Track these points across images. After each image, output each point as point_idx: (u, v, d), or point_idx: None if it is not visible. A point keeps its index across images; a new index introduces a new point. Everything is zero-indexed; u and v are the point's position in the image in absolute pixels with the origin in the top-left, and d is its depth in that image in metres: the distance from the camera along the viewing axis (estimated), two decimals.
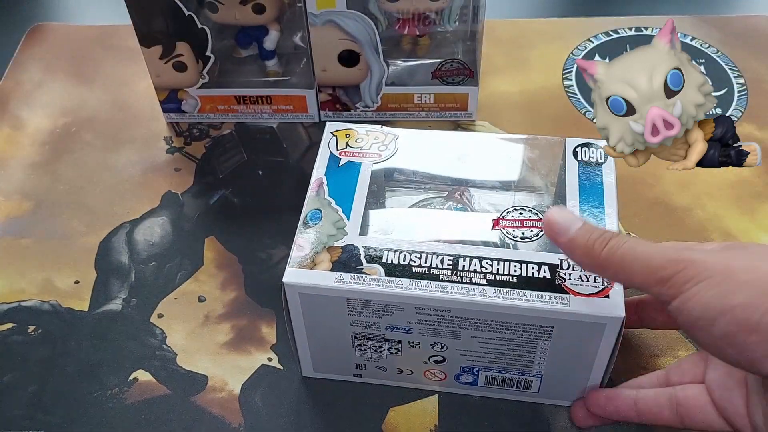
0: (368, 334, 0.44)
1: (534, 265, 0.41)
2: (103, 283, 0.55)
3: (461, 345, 0.43)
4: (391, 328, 0.43)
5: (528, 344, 0.42)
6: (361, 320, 0.43)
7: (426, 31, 0.62)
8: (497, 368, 0.45)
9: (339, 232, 0.43)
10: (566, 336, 0.41)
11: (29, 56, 0.72)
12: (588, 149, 0.47)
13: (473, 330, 0.42)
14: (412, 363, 0.46)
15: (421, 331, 0.43)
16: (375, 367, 0.47)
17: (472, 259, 0.41)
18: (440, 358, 0.45)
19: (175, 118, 0.66)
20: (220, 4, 0.60)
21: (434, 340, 0.43)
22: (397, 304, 0.41)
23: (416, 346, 0.44)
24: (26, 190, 0.61)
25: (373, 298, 0.41)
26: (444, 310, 0.41)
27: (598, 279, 0.40)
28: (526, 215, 0.44)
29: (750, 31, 0.73)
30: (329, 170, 0.47)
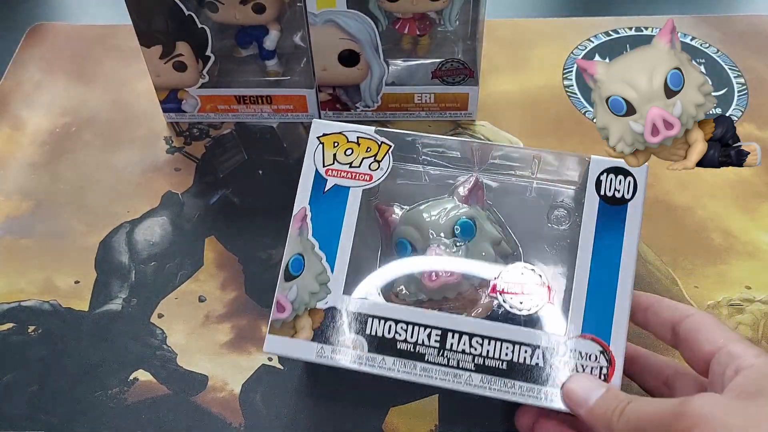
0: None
1: (527, 348, 0.38)
2: (103, 282, 0.55)
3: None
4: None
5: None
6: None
7: (426, 30, 0.62)
8: None
9: (322, 289, 0.41)
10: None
11: (29, 56, 0.72)
12: (615, 178, 0.41)
13: None
14: None
15: None
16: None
17: (461, 336, 0.39)
18: None
19: (175, 117, 0.66)
20: (220, 4, 0.60)
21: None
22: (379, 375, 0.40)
23: None
24: (26, 190, 0.61)
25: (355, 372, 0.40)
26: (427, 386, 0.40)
27: (594, 371, 0.38)
28: (527, 276, 0.40)
29: (750, 31, 0.73)
30: (313, 198, 0.43)
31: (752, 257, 0.55)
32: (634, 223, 0.40)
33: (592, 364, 0.37)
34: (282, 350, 0.40)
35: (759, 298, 0.52)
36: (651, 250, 0.55)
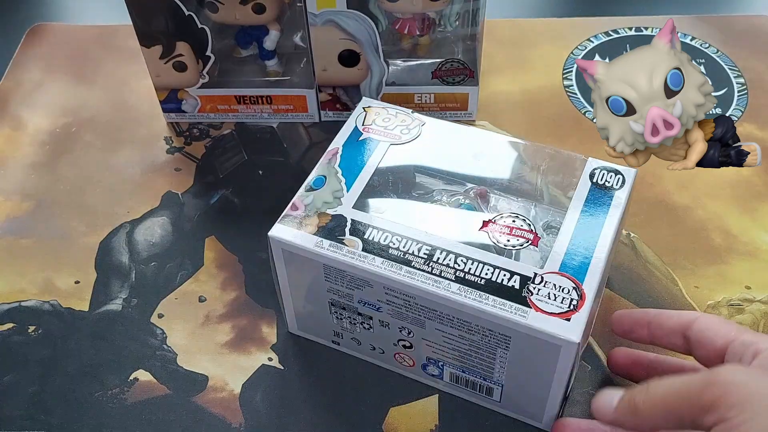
0: (343, 304, 0.45)
1: (506, 272, 0.41)
2: (103, 283, 0.55)
3: (426, 335, 0.44)
4: (363, 302, 0.44)
5: (488, 349, 0.42)
6: (337, 288, 0.44)
7: (426, 30, 0.62)
8: (461, 367, 0.45)
9: (335, 201, 0.45)
10: (523, 349, 0.41)
11: (29, 56, 0.72)
12: (607, 173, 0.45)
13: (437, 322, 0.43)
14: (383, 343, 0.47)
15: (389, 312, 0.44)
16: (351, 339, 0.48)
17: (448, 254, 0.42)
18: (408, 343, 0.46)
19: (175, 118, 0.66)
20: (220, 4, 0.60)
21: (402, 324, 0.44)
22: (367, 279, 0.42)
23: (386, 326, 0.45)
24: (26, 190, 0.61)
25: (347, 269, 0.42)
26: (410, 296, 0.42)
27: (565, 300, 0.40)
28: (518, 223, 0.44)
29: (750, 31, 0.73)
30: (348, 143, 0.48)
31: (752, 257, 0.55)
32: (618, 205, 0.44)
33: (563, 294, 0.40)
34: (285, 236, 0.43)
35: (759, 298, 0.52)
36: (651, 250, 0.55)
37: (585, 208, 0.44)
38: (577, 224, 0.43)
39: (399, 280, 0.41)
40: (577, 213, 0.44)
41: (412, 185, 0.48)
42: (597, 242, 0.42)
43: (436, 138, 0.49)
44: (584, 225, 0.43)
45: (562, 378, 0.41)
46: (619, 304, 0.52)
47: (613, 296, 0.53)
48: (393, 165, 0.48)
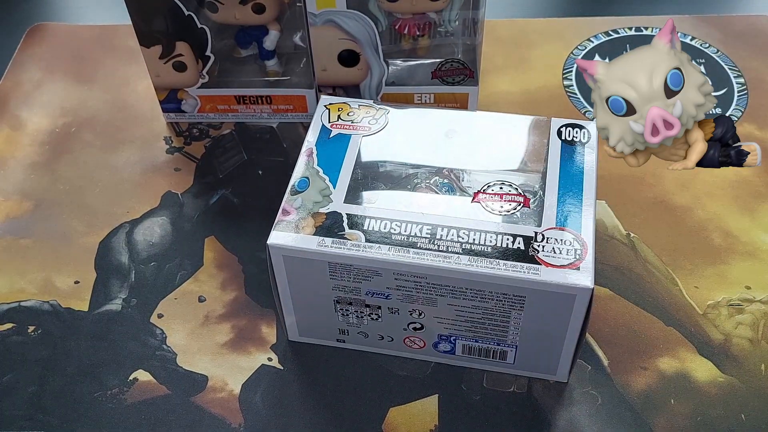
0: (350, 299, 0.46)
1: (509, 236, 0.42)
2: (103, 283, 0.55)
3: (438, 312, 0.45)
4: (371, 293, 0.45)
5: (502, 313, 0.44)
6: (343, 285, 0.45)
7: (426, 31, 0.62)
8: (473, 337, 0.46)
9: (324, 200, 0.45)
10: (538, 306, 0.42)
11: (29, 56, 0.72)
12: (573, 129, 0.48)
13: (449, 297, 0.43)
14: (392, 330, 0.47)
15: (399, 297, 0.44)
16: (357, 333, 0.48)
17: (449, 230, 0.43)
18: (418, 325, 0.46)
19: (174, 118, 0.66)
20: (219, 4, 0.60)
21: (412, 307, 0.45)
22: (376, 269, 0.43)
23: (395, 312, 0.46)
24: (26, 190, 0.61)
25: (354, 262, 0.43)
26: (421, 277, 0.42)
27: (569, 252, 0.41)
28: (506, 189, 0.45)
29: (750, 31, 0.73)
30: (320, 141, 0.48)
31: (752, 257, 0.55)
32: (591, 156, 0.46)
33: (567, 247, 0.42)
34: (285, 242, 0.43)
35: (759, 298, 0.52)
36: (651, 250, 0.55)
37: (562, 164, 0.46)
38: (560, 180, 0.45)
39: (408, 263, 0.42)
40: (556, 170, 0.46)
41: (394, 173, 0.48)
42: (582, 192, 0.44)
43: (404, 123, 0.50)
44: (566, 180, 0.45)
45: (576, 327, 0.43)
46: (618, 304, 0.52)
47: (613, 296, 0.53)
48: (370, 156, 0.48)
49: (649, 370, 0.49)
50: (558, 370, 0.47)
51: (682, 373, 0.49)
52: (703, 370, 0.49)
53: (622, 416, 0.47)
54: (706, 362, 0.50)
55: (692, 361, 0.50)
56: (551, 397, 0.48)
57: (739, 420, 0.47)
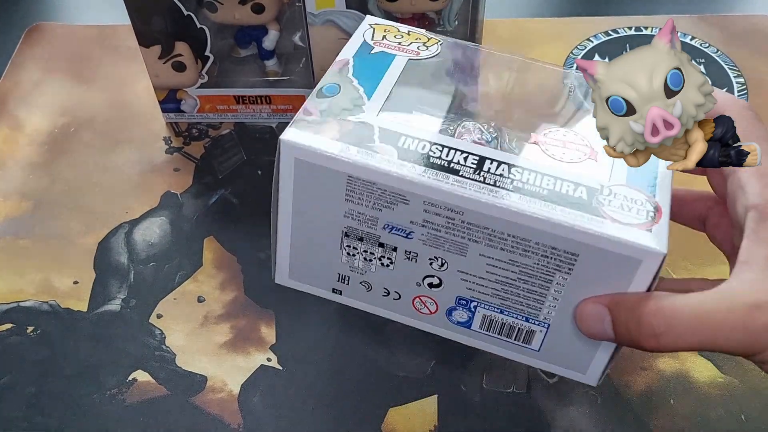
0: (362, 233, 0.38)
1: (570, 183, 0.35)
2: (101, 283, 0.55)
3: (465, 265, 0.37)
4: (390, 227, 0.37)
5: (543, 275, 0.36)
6: (358, 211, 0.37)
7: None
8: (499, 306, 0.39)
9: (355, 108, 0.38)
10: (590, 270, 0.35)
11: (28, 56, 0.72)
12: None
13: (484, 245, 0.36)
14: (403, 283, 0.40)
15: (422, 238, 0.37)
16: (360, 283, 0.41)
17: (500, 164, 0.35)
18: (437, 280, 0.39)
19: (174, 118, 0.66)
20: (219, 4, 0.59)
21: (435, 253, 0.37)
22: (404, 193, 0.35)
23: (413, 258, 0.38)
24: (25, 191, 0.61)
25: (379, 179, 0.35)
26: (456, 212, 0.35)
27: (640, 212, 0.35)
28: (570, 137, 0.38)
29: (750, 30, 0.73)
30: (358, 54, 0.41)
31: None
32: None
33: (637, 206, 0.35)
34: (302, 140, 0.36)
35: None
36: None
37: None
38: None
39: (446, 190, 0.34)
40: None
41: (440, 104, 0.40)
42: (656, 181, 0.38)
43: (457, 57, 0.43)
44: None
45: None
46: None
47: None
48: (415, 80, 0.41)
49: (649, 370, 0.49)
50: (590, 368, 0.39)
51: (682, 374, 0.49)
52: (702, 370, 0.49)
53: (622, 416, 0.47)
54: (706, 362, 0.49)
55: (692, 361, 0.50)
56: (551, 397, 0.48)
57: (739, 420, 0.47)
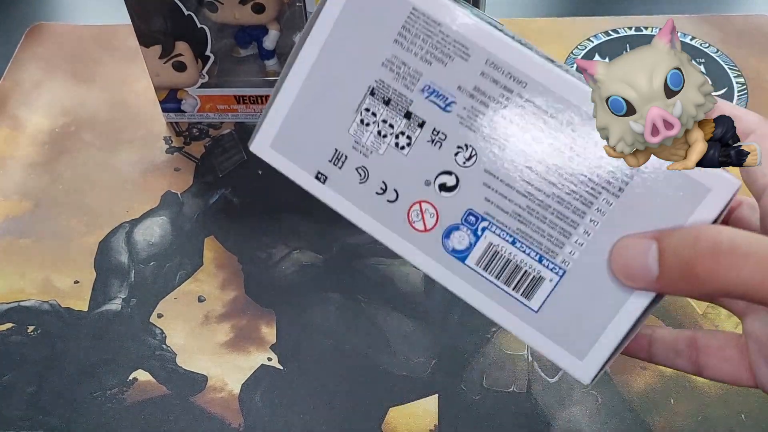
0: (393, 92, 0.32)
1: None
2: (102, 283, 0.55)
3: (497, 165, 0.31)
4: (430, 90, 0.31)
5: (588, 192, 0.31)
6: (404, 59, 0.31)
7: None
8: (515, 232, 0.32)
9: None
10: (644, 195, 0.30)
11: (28, 56, 0.72)
12: None
13: (535, 130, 0.31)
14: (411, 177, 0.32)
15: (462, 114, 0.31)
16: (355, 170, 0.33)
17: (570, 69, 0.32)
18: (453, 180, 0.32)
19: (174, 117, 0.66)
20: (219, 4, 0.60)
21: (468, 139, 0.31)
22: (468, 44, 0.30)
23: (438, 142, 0.31)
24: (25, 190, 0.61)
25: (446, 20, 0.30)
26: (519, 82, 0.30)
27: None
28: None
29: (750, 30, 0.73)
30: None
31: None
32: None
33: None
34: None
35: None
36: None
37: None
38: None
39: (519, 50, 0.30)
40: None
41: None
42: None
43: None
44: None
45: None
46: None
47: None
48: None
49: (649, 370, 0.49)
50: (590, 354, 0.31)
51: (682, 373, 0.49)
52: None
53: (622, 416, 0.47)
54: None
55: None
56: (551, 397, 0.48)
57: (739, 420, 0.47)
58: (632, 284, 0.30)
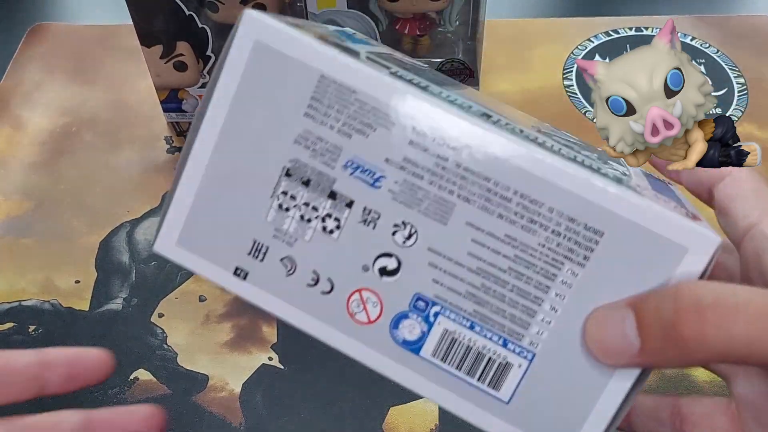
0: (312, 172, 0.27)
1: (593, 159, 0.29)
2: (103, 282, 0.55)
3: (441, 239, 0.27)
4: (354, 167, 0.27)
5: (546, 266, 0.26)
6: (319, 134, 0.27)
7: (426, 31, 0.62)
8: (471, 316, 0.27)
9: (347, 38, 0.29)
10: (614, 261, 0.26)
11: (29, 56, 0.72)
12: None
13: (477, 207, 0.26)
14: (345, 264, 0.28)
15: (394, 188, 0.26)
16: (280, 260, 0.28)
17: (515, 125, 0.28)
18: (395, 262, 0.27)
19: (175, 117, 0.66)
20: (220, 4, 0.60)
21: (405, 216, 0.27)
22: (390, 111, 0.26)
23: (371, 222, 0.27)
24: (26, 190, 0.61)
25: (362, 85, 0.26)
26: (452, 148, 0.26)
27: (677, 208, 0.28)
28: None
29: (750, 31, 0.73)
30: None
31: None
32: None
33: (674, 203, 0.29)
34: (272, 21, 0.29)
35: None
36: None
37: None
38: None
39: (448, 114, 0.26)
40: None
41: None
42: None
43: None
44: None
45: None
46: None
47: None
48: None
49: None
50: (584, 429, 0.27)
51: (682, 373, 0.49)
52: (703, 369, 0.49)
53: None
54: None
55: None
56: None
57: None
58: (612, 362, 0.26)
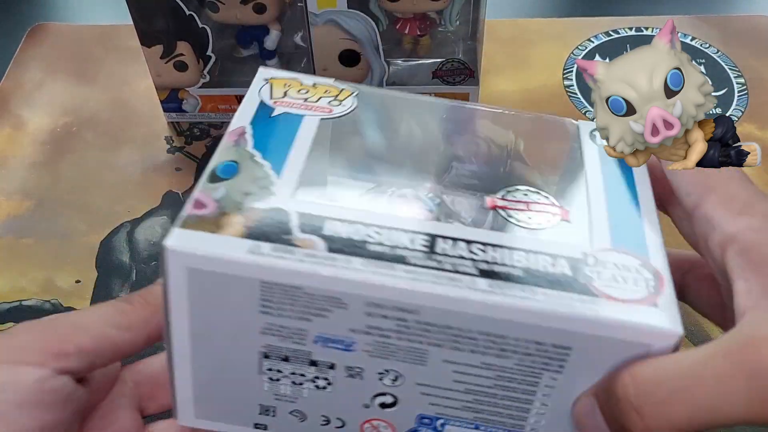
0: (286, 352, 0.29)
1: (547, 256, 0.28)
2: (104, 282, 0.55)
3: (425, 376, 0.29)
4: (324, 340, 0.28)
5: (527, 377, 0.29)
6: (280, 324, 0.28)
7: (427, 30, 0.62)
8: (474, 421, 0.30)
9: (262, 192, 0.29)
10: (587, 364, 0.28)
11: (30, 56, 0.73)
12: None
13: (448, 349, 0.28)
14: (347, 407, 0.31)
15: (368, 348, 0.28)
16: (289, 413, 0.31)
17: (456, 242, 0.28)
18: (390, 398, 0.30)
19: (175, 117, 0.66)
20: (220, 4, 0.60)
21: (385, 366, 0.29)
22: (339, 296, 0.27)
23: (357, 375, 0.29)
24: (27, 190, 0.61)
25: (305, 282, 0.27)
26: (409, 311, 0.27)
27: (639, 280, 0.28)
28: (533, 197, 0.32)
29: (750, 31, 0.73)
30: (257, 120, 0.32)
31: None
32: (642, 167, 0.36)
33: (633, 275, 0.28)
34: (194, 246, 0.27)
35: None
36: None
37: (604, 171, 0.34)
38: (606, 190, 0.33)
39: (395, 286, 0.26)
40: (599, 177, 0.34)
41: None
42: (639, 205, 0.33)
43: (379, 110, 0.36)
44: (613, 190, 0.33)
45: None
46: None
47: None
48: (332, 145, 0.34)
49: None
50: None
51: None
52: None
53: None
54: None
55: None
56: None
57: None
58: None
